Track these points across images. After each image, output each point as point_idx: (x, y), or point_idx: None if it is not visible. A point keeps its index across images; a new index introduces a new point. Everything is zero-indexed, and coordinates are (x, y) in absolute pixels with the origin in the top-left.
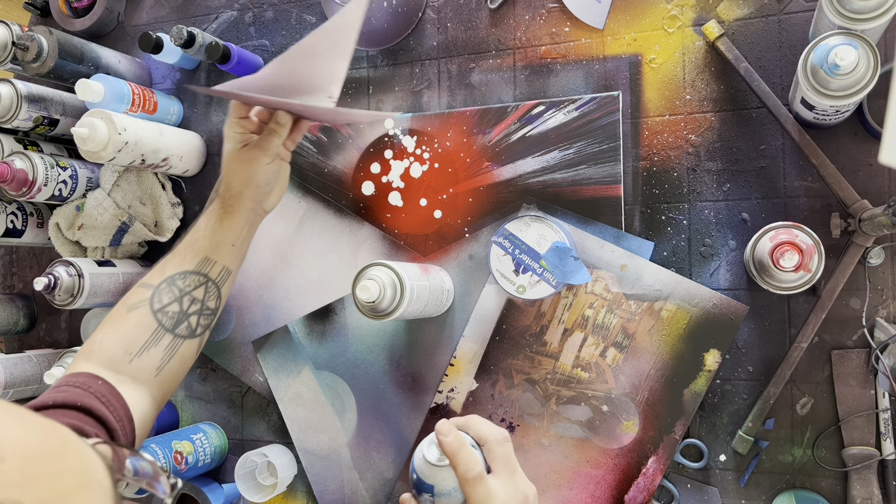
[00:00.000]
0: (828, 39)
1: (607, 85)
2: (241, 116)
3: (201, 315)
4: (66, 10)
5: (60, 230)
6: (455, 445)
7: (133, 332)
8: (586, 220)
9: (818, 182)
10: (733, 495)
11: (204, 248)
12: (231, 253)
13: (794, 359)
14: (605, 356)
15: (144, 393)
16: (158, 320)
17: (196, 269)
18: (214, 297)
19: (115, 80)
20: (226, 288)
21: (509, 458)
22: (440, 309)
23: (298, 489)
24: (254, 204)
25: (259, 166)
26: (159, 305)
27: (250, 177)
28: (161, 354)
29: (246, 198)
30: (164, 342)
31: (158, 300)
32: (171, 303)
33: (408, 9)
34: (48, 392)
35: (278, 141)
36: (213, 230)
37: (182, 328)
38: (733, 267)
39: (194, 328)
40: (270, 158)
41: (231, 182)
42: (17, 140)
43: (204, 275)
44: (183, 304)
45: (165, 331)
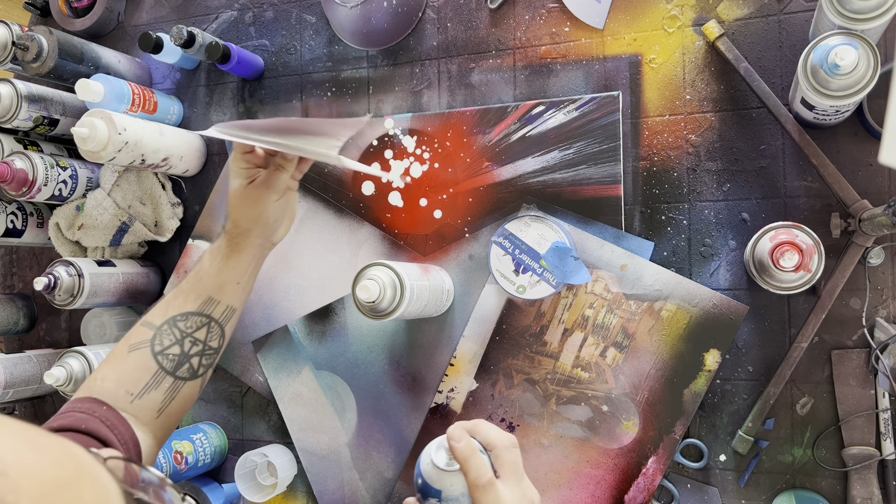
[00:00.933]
0: (828, 39)
1: (607, 85)
2: (247, 151)
3: (203, 356)
4: (66, 10)
5: (60, 230)
6: (467, 451)
7: (134, 373)
8: (586, 220)
9: (818, 182)
10: (733, 495)
11: (208, 287)
12: (236, 291)
13: (794, 359)
14: (605, 356)
15: (146, 432)
16: (159, 363)
17: (199, 310)
18: (217, 336)
19: (115, 80)
20: (230, 326)
21: (517, 464)
22: (440, 309)
23: (298, 489)
24: (262, 240)
25: (268, 204)
26: (160, 348)
27: (258, 215)
28: (162, 397)
29: (254, 235)
30: (164, 385)
31: (160, 342)
32: (171, 345)
33: (408, 9)
34: (53, 418)
35: (286, 176)
36: (217, 269)
37: (183, 370)
38: (733, 267)
39: (196, 369)
40: (278, 195)
41: (238, 220)
42: (17, 140)
43: (207, 315)
44: (184, 347)
45: (166, 374)
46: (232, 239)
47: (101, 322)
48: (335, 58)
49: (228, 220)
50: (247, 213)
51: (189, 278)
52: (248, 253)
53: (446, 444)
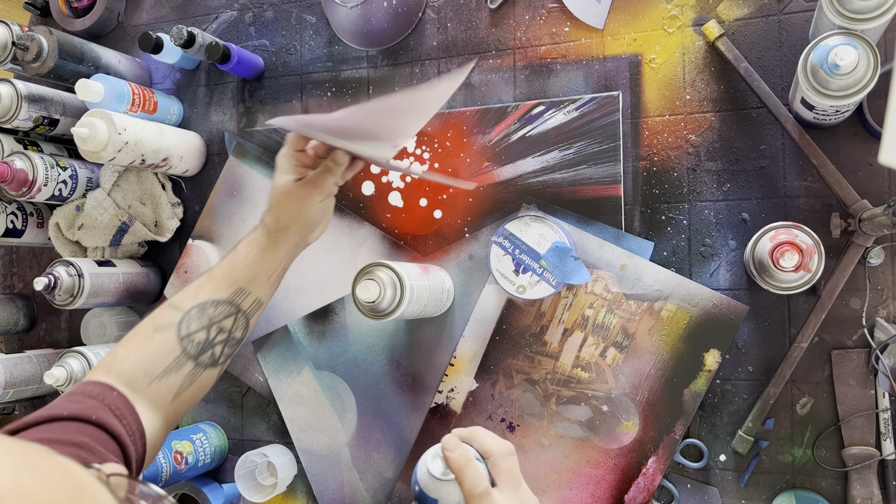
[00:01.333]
0: (828, 39)
1: (607, 85)
2: (299, 149)
3: (226, 345)
4: (66, 10)
5: (60, 230)
6: (461, 461)
7: (156, 354)
8: (586, 220)
9: (818, 182)
10: (733, 495)
11: (241, 278)
12: (266, 285)
13: (794, 359)
14: (605, 356)
15: (158, 416)
16: (183, 347)
17: (229, 298)
18: (242, 327)
19: (115, 80)
20: (254, 319)
21: (514, 472)
22: (440, 309)
23: (298, 489)
24: (299, 238)
25: (312, 203)
26: (186, 332)
27: (301, 213)
28: (181, 381)
29: (293, 232)
30: (185, 369)
31: (186, 326)
32: (198, 331)
33: (408, 9)
34: (63, 399)
35: (333, 179)
36: (253, 261)
37: (205, 357)
38: (733, 267)
39: (217, 357)
40: (323, 196)
41: (280, 215)
42: (17, 140)
43: (236, 305)
44: (210, 334)
45: (188, 358)
46: (271, 233)
47: (101, 322)
48: (335, 58)
49: (268, 214)
50: (290, 209)
51: (222, 266)
52: (283, 249)
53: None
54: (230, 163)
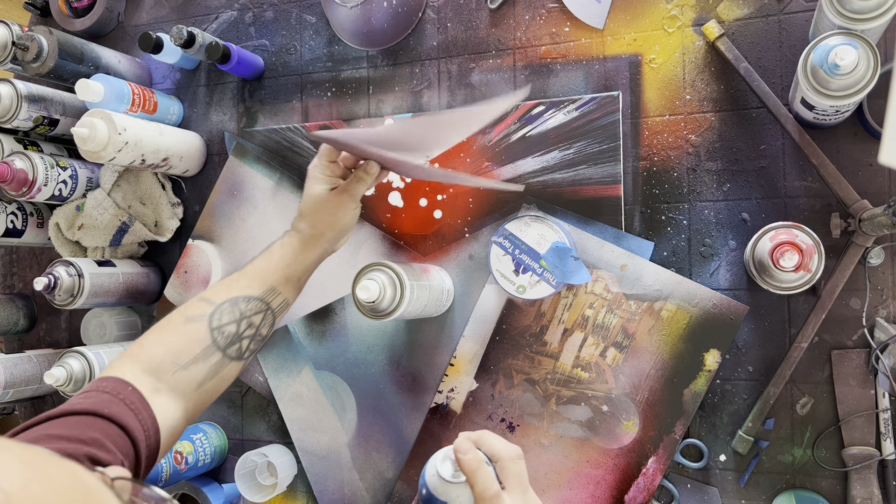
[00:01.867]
0: (828, 39)
1: (607, 85)
2: (332, 160)
3: (253, 340)
4: (66, 10)
5: (60, 230)
6: (474, 464)
7: (186, 343)
8: (586, 220)
9: (818, 182)
10: (733, 495)
11: (274, 278)
12: (295, 287)
13: (794, 359)
14: (605, 356)
15: (179, 405)
16: (214, 338)
17: (262, 296)
18: (269, 325)
19: (115, 80)
20: (280, 318)
21: (522, 475)
22: (440, 309)
23: (298, 489)
24: (329, 245)
25: (347, 211)
26: (218, 323)
27: (336, 220)
28: (206, 371)
29: (327, 239)
30: (212, 360)
31: (218, 318)
32: (229, 323)
33: (408, 9)
34: (78, 395)
35: (364, 188)
36: (287, 263)
37: (233, 349)
38: (733, 267)
39: (243, 351)
40: (356, 205)
41: (316, 222)
42: (17, 140)
43: (266, 303)
44: (240, 327)
45: (217, 349)
46: (305, 239)
47: (101, 322)
48: (335, 58)
49: (302, 221)
50: (326, 217)
51: (255, 265)
52: (315, 254)
53: (452, 455)
54: (230, 163)
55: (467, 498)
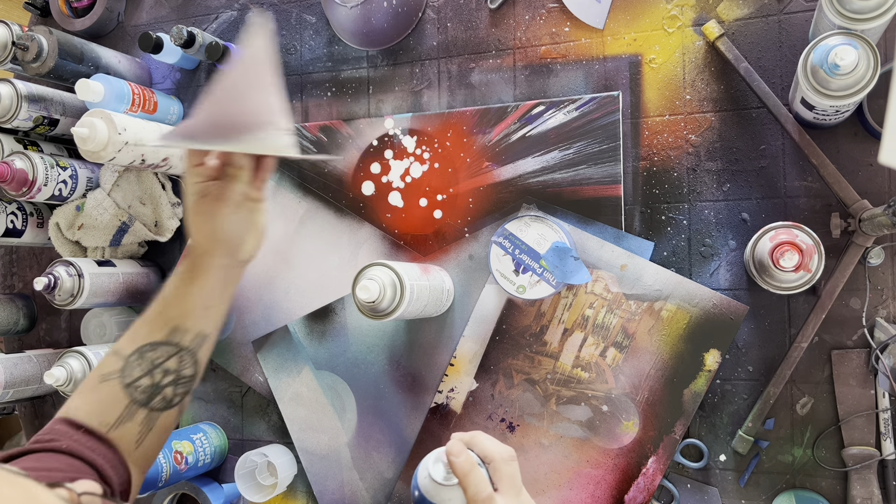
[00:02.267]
0: (828, 39)
1: (607, 85)
2: (197, 164)
3: (177, 385)
4: (66, 10)
5: (60, 230)
6: (466, 466)
7: (105, 404)
8: (586, 220)
9: (818, 182)
10: (733, 495)
11: (174, 316)
12: (205, 316)
13: (794, 359)
14: (605, 356)
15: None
16: (130, 395)
17: (166, 339)
18: (190, 364)
19: (115, 80)
20: (203, 351)
21: (515, 477)
22: (440, 309)
23: (298, 489)
24: (226, 259)
25: (221, 218)
26: (130, 380)
27: (214, 230)
28: (138, 428)
29: (215, 254)
30: (138, 417)
31: (129, 374)
32: (142, 377)
33: (408, 9)
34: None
35: (239, 186)
36: (182, 295)
37: (157, 401)
38: (733, 267)
39: (170, 399)
40: (232, 207)
41: (196, 238)
42: (17, 140)
43: (175, 344)
44: (155, 377)
45: (139, 405)
46: (193, 261)
47: (101, 322)
48: (335, 58)
49: (190, 240)
50: (202, 229)
51: (156, 303)
52: (212, 275)
53: (444, 458)
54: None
55: (460, 501)
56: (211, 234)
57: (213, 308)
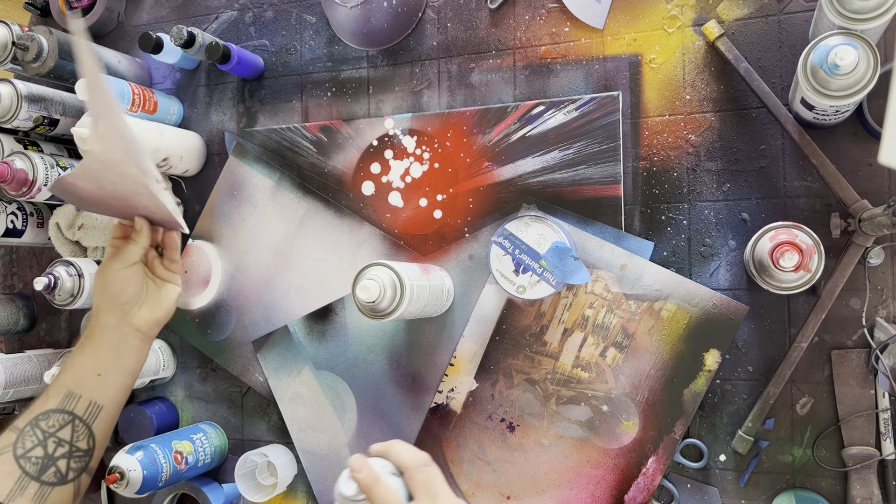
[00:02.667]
0: (828, 39)
1: (607, 85)
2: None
3: (71, 458)
4: (66, 10)
5: (60, 230)
6: (369, 481)
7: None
8: (586, 220)
9: (818, 182)
10: (733, 495)
11: (67, 381)
12: (97, 384)
13: (794, 359)
14: (605, 356)
15: None
16: (21, 467)
17: (59, 406)
18: (85, 437)
19: (115, 80)
20: (98, 425)
21: (430, 483)
22: (440, 309)
23: (298, 489)
24: (116, 320)
25: (112, 273)
26: (22, 451)
27: (102, 286)
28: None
29: (104, 313)
30: (30, 491)
31: (21, 445)
32: (34, 447)
33: (408, 9)
34: None
35: (135, 248)
36: (74, 360)
37: (49, 474)
38: (733, 267)
39: (64, 473)
40: (124, 265)
41: (94, 300)
42: (17, 140)
43: (69, 412)
44: (48, 448)
45: (30, 478)
46: (89, 326)
47: None
48: (335, 58)
49: None
50: (97, 286)
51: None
52: (103, 339)
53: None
54: (230, 163)
55: None
56: (100, 291)
57: (106, 376)
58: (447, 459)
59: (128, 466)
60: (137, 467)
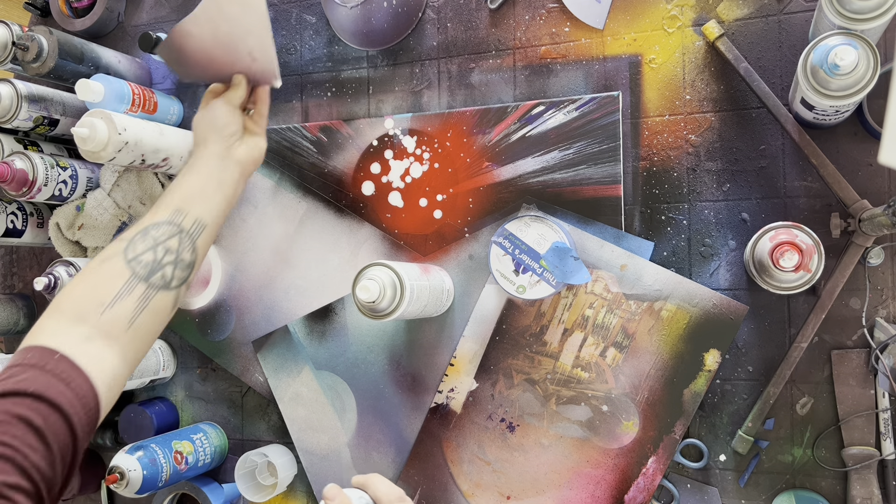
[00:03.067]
0: (828, 39)
1: (607, 85)
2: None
3: (176, 266)
4: (66, 10)
5: (60, 230)
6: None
7: (106, 282)
8: (586, 220)
9: (818, 182)
10: (733, 495)
11: (175, 199)
12: (203, 204)
13: (794, 359)
14: (605, 356)
15: (115, 351)
16: (132, 269)
17: (168, 219)
18: (189, 249)
19: (115, 80)
20: (202, 241)
21: None
22: (440, 309)
23: (298, 489)
24: (220, 148)
25: (216, 108)
26: (133, 254)
27: (211, 119)
28: (134, 305)
29: (211, 141)
30: (137, 292)
31: (133, 249)
32: (145, 252)
33: (408, 9)
34: (3, 373)
35: (238, 92)
36: (181, 180)
37: (156, 278)
38: (733, 267)
39: (169, 279)
40: (228, 105)
41: (196, 132)
42: (17, 140)
43: (177, 224)
44: (157, 254)
45: (139, 279)
46: (192, 154)
47: None
48: (335, 58)
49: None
50: (202, 121)
51: (161, 196)
52: (209, 160)
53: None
54: None
55: None
56: (207, 123)
57: (210, 199)
58: (447, 459)
59: (128, 466)
60: (137, 467)
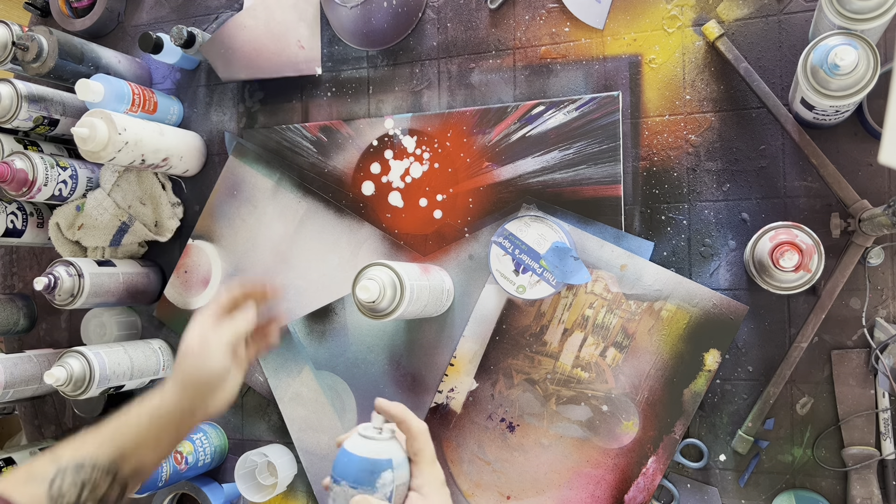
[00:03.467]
0: (828, 39)
1: (607, 85)
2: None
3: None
4: (66, 10)
5: (60, 230)
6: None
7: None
8: (586, 220)
9: (818, 182)
10: (733, 495)
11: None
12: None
13: (794, 359)
14: (605, 356)
15: None
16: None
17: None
18: (117, 493)
19: (115, 80)
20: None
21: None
22: (440, 309)
23: (298, 489)
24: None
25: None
26: (58, 491)
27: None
28: None
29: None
30: None
31: (59, 485)
32: (69, 489)
33: (408, 9)
34: None
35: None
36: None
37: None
38: (733, 267)
39: None
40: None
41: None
42: (17, 140)
43: (113, 473)
44: (81, 497)
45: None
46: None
47: (101, 322)
48: (335, 58)
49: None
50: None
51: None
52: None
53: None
54: (230, 163)
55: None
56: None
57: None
58: (447, 459)
59: None
60: None
